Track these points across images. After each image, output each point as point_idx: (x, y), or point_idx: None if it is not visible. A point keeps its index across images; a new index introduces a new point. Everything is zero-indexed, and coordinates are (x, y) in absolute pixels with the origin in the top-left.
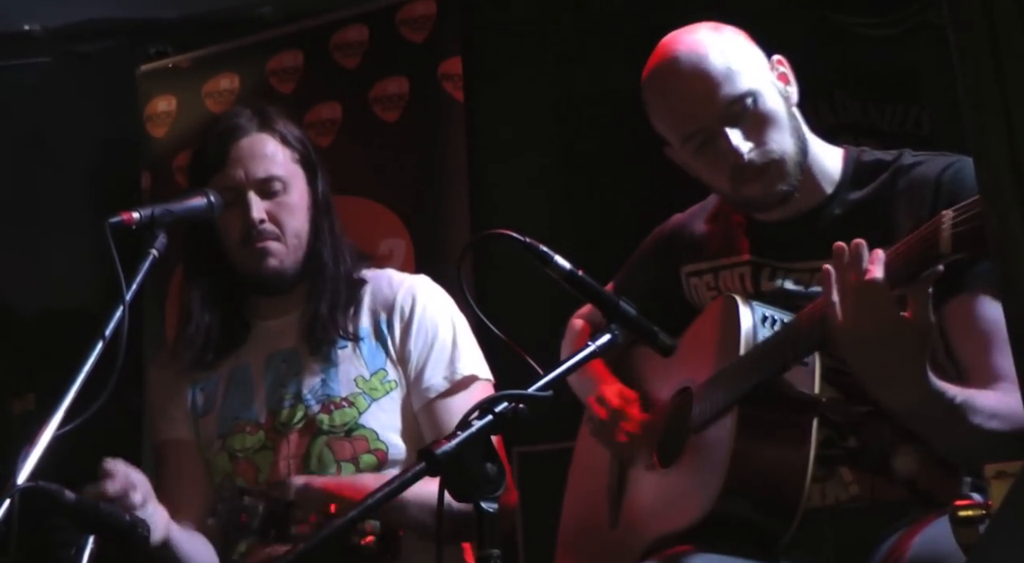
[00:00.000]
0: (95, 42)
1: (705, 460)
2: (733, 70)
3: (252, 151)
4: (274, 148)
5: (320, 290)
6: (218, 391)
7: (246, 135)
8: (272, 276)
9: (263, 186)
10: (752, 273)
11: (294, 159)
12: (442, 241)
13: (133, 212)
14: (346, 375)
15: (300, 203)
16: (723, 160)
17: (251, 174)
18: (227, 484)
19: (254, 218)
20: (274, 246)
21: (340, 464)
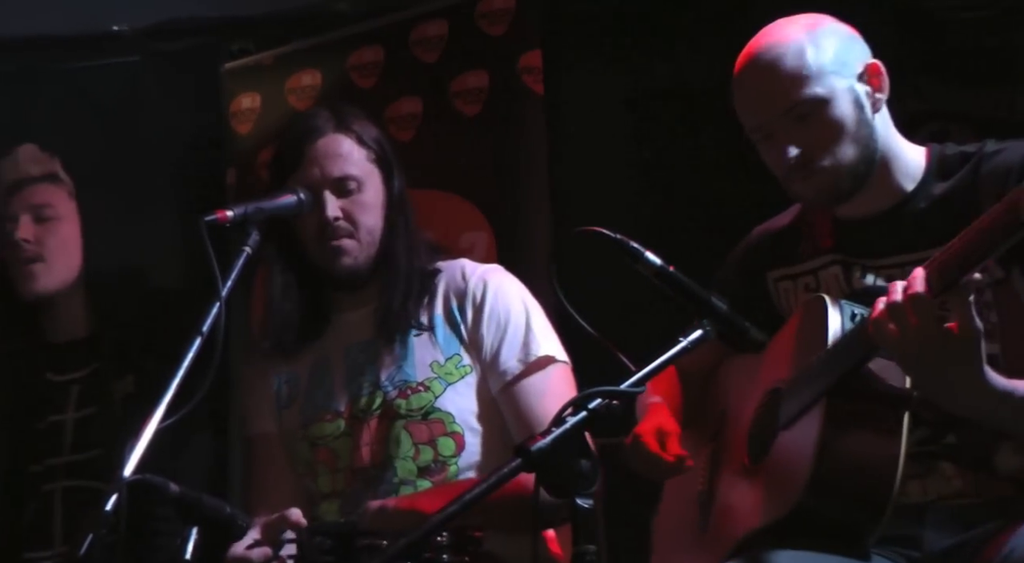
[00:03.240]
0: (180, 41)
1: (792, 455)
2: (806, 74)
3: (328, 151)
4: (350, 148)
5: (394, 284)
6: (301, 383)
7: (323, 135)
8: (346, 273)
9: (338, 185)
10: (843, 272)
11: (369, 158)
12: (523, 234)
13: (227, 210)
14: (421, 361)
15: (374, 201)
16: (778, 158)
17: (327, 173)
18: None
19: (329, 216)
20: (348, 243)
21: (418, 447)
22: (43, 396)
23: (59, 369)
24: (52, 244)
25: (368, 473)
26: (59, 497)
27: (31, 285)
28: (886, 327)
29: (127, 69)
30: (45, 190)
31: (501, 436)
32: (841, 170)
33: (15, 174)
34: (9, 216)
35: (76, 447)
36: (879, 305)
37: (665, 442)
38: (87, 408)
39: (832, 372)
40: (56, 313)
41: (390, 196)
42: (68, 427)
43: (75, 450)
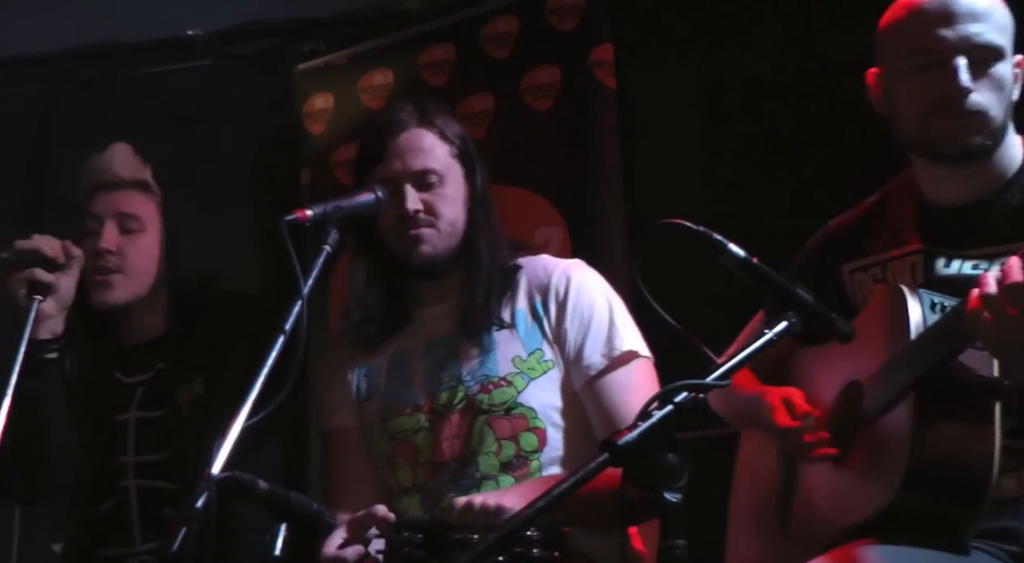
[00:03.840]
0: (254, 43)
1: (882, 450)
2: (1004, 25)
3: (410, 145)
4: (432, 142)
5: (476, 280)
6: (380, 377)
7: (405, 129)
8: (426, 261)
9: (420, 178)
10: (924, 261)
11: (452, 153)
12: (598, 228)
13: (307, 210)
14: (503, 356)
15: (456, 196)
16: (936, 88)
17: (408, 167)
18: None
19: (409, 208)
20: (427, 232)
21: (500, 442)
22: (112, 396)
23: (127, 370)
24: (132, 257)
25: (449, 468)
26: (134, 494)
27: (104, 295)
28: (981, 317)
29: (201, 73)
30: (134, 198)
31: (584, 431)
32: (991, 123)
33: (106, 174)
34: (93, 215)
35: (140, 448)
36: (973, 295)
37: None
38: (150, 410)
39: (920, 364)
40: (129, 317)
41: (472, 191)
42: (131, 427)
43: (139, 451)
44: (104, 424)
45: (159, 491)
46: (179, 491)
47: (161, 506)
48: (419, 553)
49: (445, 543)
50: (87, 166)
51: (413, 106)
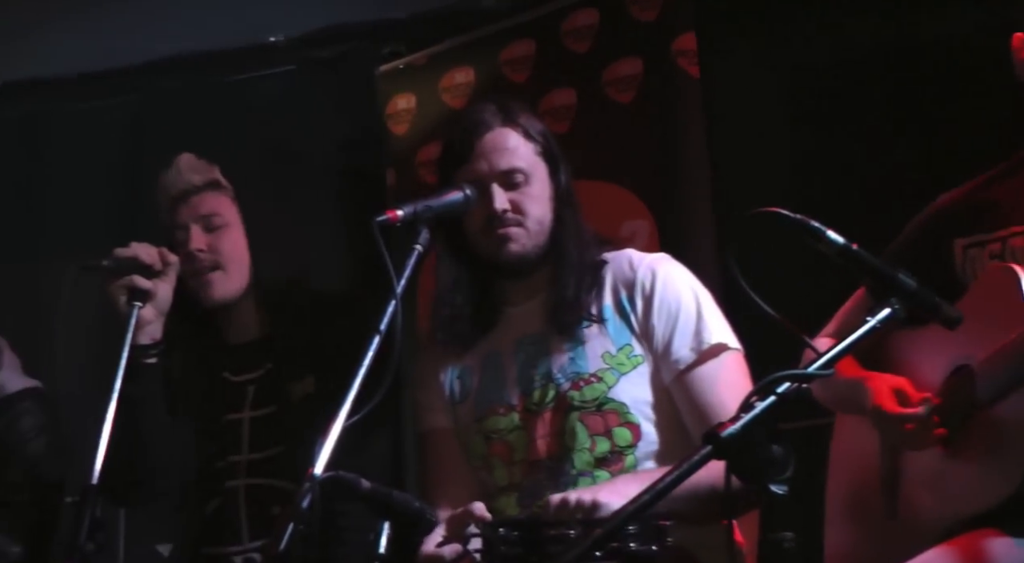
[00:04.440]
0: (333, 47)
1: (1001, 438)
2: None
3: (496, 145)
4: (516, 141)
5: (563, 277)
6: (473, 377)
7: (490, 130)
8: (515, 260)
9: (506, 178)
10: None
11: (536, 152)
12: (685, 220)
13: (397, 210)
14: (593, 352)
15: (542, 194)
16: None
17: (494, 166)
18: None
19: (497, 208)
20: (516, 231)
21: (594, 438)
22: (222, 395)
23: (235, 369)
24: (225, 251)
25: (545, 465)
26: (243, 493)
27: (211, 293)
28: None
29: (284, 78)
30: (210, 198)
31: (675, 425)
32: None
33: (179, 185)
34: (179, 226)
35: (253, 446)
36: None
37: (906, 396)
38: (263, 408)
39: None
40: (232, 316)
41: (557, 189)
42: (245, 426)
43: (253, 449)
44: (215, 424)
45: (269, 489)
46: (288, 489)
47: (270, 504)
48: (515, 550)
49: (542, 540)
50: (160, 184)
51: (495, 106)
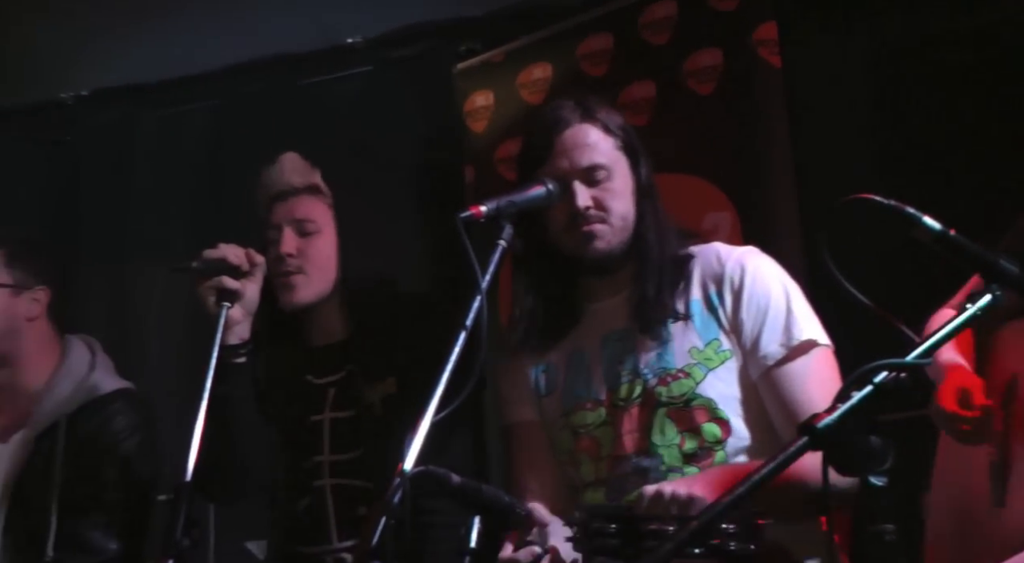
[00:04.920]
0: (410, 47)
1: None
2: None
3: (576, 141)
4: (597, 137)
5: (647, 273)
6: (559, 373)
7: (569, 126)
8: (600, 257)
9: (588, 174)
10: None
11: (616, 146)
12: (767, 211)
13: (480, 206)
14: (680, 347)
15: (624, 189)
16: None
17: (575, 164)
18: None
19: (580, 205)
20: (600, 228)
21: (683, 434)
22: (303, 397)
23: (317, 372)
24: (313, 257)
25: (632, 461)
26: (330, 493)
27: (291, 297)
28: None
29: (362, 79)
30: (307, 202)
31: (763, 421)
32: None
33: (279, 184)
34: (272, 225)
35: (335, 447)
36: None
37: (969, 398)
38: (344, 410)
39: None
40: (314, 318)
41: (638, 183)
42: (326, 428)
43: (334, 450)
44: (299, 425)
45: (354, 489)
46: (373, 489)
47: (356, 504)
48: (611, 543)
49: (638, 533)
50: (260, 180)
51: (574, 102)
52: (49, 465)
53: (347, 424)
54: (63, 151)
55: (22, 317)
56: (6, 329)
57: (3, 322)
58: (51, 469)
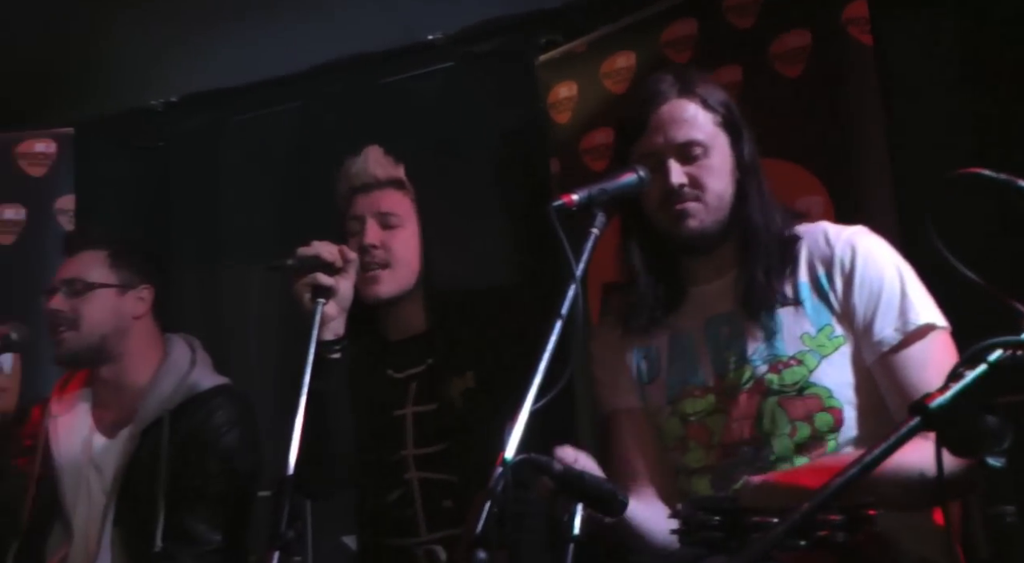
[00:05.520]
0: (491, 41)
1: None
2: None
3: (672, 116)
4: (694, 112)
5: (753, 254)
6: (661, 357)
7: (666, 101)
8: (694, 237)
9: (683, 151)
10: None
11: (715, 122)
12: (861, 193)
13: (572, 195)
14: (791, 334)
15: (722, 166)
16: None
17: (671, 139)
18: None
19: (674, 183)
20: (693, 206)
21: (795, 423)
22: (387, 392)
23: (397, 366)
24: (396, 250)
25: (741, 449)
26: (417, 486)
27: (373, 290)
28: None
29: (444, 75)
30: (391, 196)
31: (877, 409)
32: None
33: (363, 176)
34: (354, 216)
35: (419, 441)
36: None
37: None
38: (425, 404)
39: None
40: (394, 312)
41: (739, 160)
42: (409, 422)
43: (418, 444)
44: (383, 419)
45: (439, 483)
46: (457, 483)
47: (442, 497)
48: (715, 535)
49: (742, 526)
50: (343, 171)
51: (673, 77)
52: (154, 460)
53: (429, 418)
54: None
55: (128, 316)
56: (113, 328)
57: (111, 321)
58: (156, 463)
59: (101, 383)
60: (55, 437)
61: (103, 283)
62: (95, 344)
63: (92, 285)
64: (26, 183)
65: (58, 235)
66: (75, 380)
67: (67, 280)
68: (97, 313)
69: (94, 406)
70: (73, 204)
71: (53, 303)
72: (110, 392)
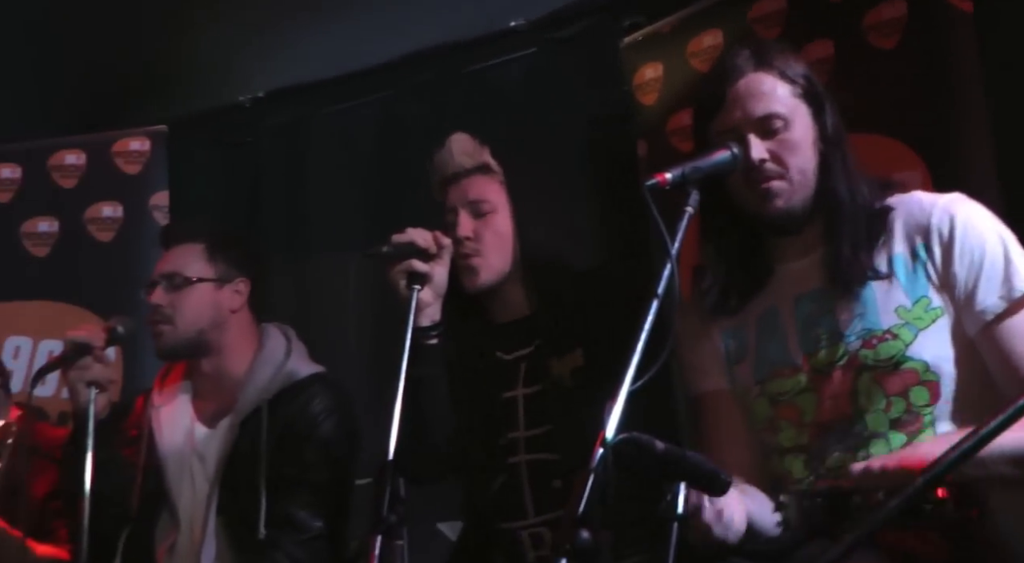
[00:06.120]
0: (574, 26)
1: None
2: None
3: (749, 91)
4: (772, 85)
5: (839, 229)
6: (749, 337)
7: (743, 75)
8: (780, 216)
9: (762, 125)
10: None
11: (795, 94)
12: (961, 166)
13: (666, 173)
14: (885, 307)
15: (803, 139)
16: None
17: (749, 114)
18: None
19: (755, 159)
20: (778, 185)
21: (890, 399)
22: (495, 374)
23: (506, 348)
24: (489, 239)
25: (834, 427)
26: (525, 469)
27: (473, 280)
28: None
29: (527, 61)
30: (479, 182)
31: (977, 382)
32: None
33: (450, 167)
34: (449, 208)
35: (529, 422)
36: None
37: None
38: (535, 384)
39: None
40: (498, 296)
41: (823, 133)
42: (520, 403)
43: (529, 425)
44: (491, 402)
45: (548, 464)
46: (566, 463)
47: (550, 478)
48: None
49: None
50: (432, 164)
51: (749, 51)
52: (255, 448)
53: (538, 398)
54: (244, 152)
55: (226, 309)
56: (211, 322)
57: (208, 315)
58: (257, 452)
59: (200, 375)
60: (158, 428)
61: (201, 277)
62: (192, 338)
63: (190, 280)
64: (123, 181)
65: (154, 231)
66: (175, 372)
67: (167, 274)
68: (195, 308)
69: (194, 397)
70: (167, 200)
71: (154, 297)
72: (209, 383)
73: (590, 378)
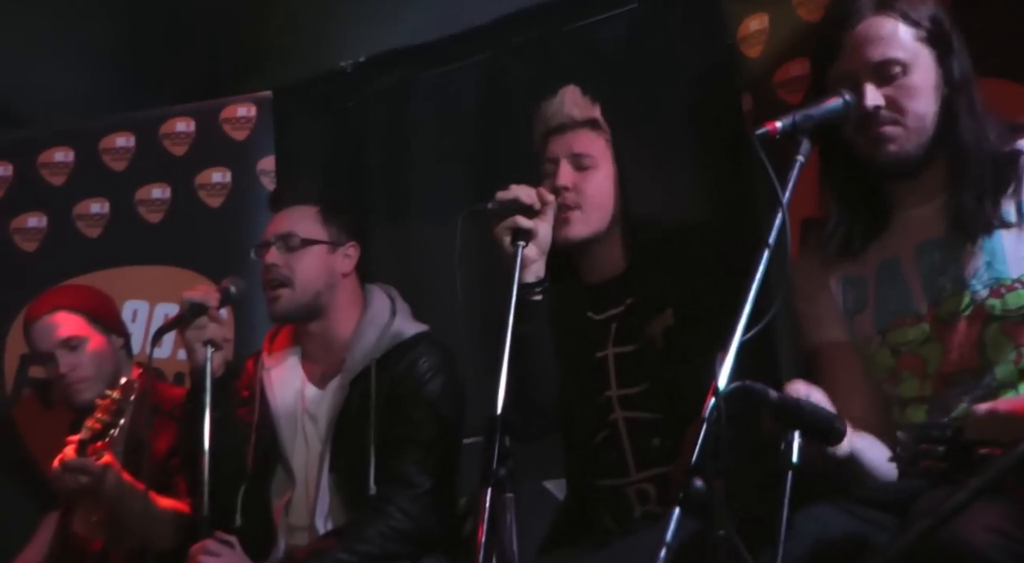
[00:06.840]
0: None
1: None
2: None
3: (867, 35)
4: (892, 28)
5: (965, 177)
6: (869, 286)
7: (862, 19)
8: (894, 162)
9: (880, 70)
10: None
11: (918, 37)
12: None
13: (776, 122)
14: (1014, 256)
15: (924, 84)
16: None
17: (866, 59)
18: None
19: (869, 106)
20: (892, 130)
21: (1020, 349)
22: (586, 334)
23: (597, 308)
24: (589, 193)
25: (960, 378)
26: (623, 426)
27: (564, 232)
28: None
29: (628, 17)
30: (586, 137)
31: None
32: None
33: (558, 117)
34: (548, 158)
35: (621, 382)
36: None
37: None
38: (626, 344)
39: None
40: (591, 255)
41: (948, 77)
42: (611, 363)
43: (621, 385)
44: (585, 361)
45: (645, 422)
46: (663, 421)
47: (649, 436)
48: (940, 466)
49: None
50: (539, 113)
51: None
52: (364, 408)
53: (631, 358)
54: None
55: (338, 273)
56: (325, 284)
57: (323, 278)
58: (366, 411)
59: (309, 337)
60: (270, 389)
61: (316, 239)
62: (309, 302)
63: (306, 241)
64: (231, 147)
65: (261, 196)
66: (283, 335)
67: (282, 235)
68: (311, 270)
69: (304, 359)
70: (273, 165)
71: (269, 257)
72: (318, 345)
73: (682, 337)
